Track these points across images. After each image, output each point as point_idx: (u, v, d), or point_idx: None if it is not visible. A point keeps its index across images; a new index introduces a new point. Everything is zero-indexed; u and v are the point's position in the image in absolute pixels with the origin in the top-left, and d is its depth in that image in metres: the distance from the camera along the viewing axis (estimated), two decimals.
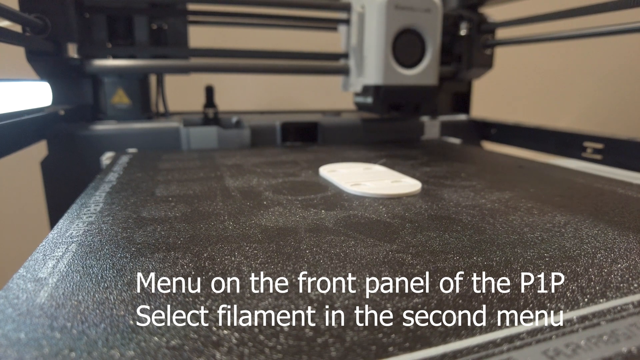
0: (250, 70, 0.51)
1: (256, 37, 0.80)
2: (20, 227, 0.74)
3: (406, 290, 0.15)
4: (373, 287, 0.15)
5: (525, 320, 0.13)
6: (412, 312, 0.13)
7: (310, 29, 0.60)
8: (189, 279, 0.16)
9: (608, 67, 1.18)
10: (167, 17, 0.50)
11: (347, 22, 0.53)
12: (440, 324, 0.13)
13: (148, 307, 0.13)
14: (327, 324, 0.13)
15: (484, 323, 0.13)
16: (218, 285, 0.15)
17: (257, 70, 0.51)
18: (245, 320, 0.13)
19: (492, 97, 0.97)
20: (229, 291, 0.15)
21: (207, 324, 0.13)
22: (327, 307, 0.14)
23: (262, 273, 0.16)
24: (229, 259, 0.17)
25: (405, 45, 0.49)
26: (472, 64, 0.57)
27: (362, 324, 0.13)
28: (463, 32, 0.57)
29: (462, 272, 0.16)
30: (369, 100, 0.50)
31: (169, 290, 0.15)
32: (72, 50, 0.45)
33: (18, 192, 0.73)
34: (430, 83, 0.50)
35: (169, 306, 0.14)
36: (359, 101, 0.53)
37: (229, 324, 0.13)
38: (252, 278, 0.16)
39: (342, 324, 0.13)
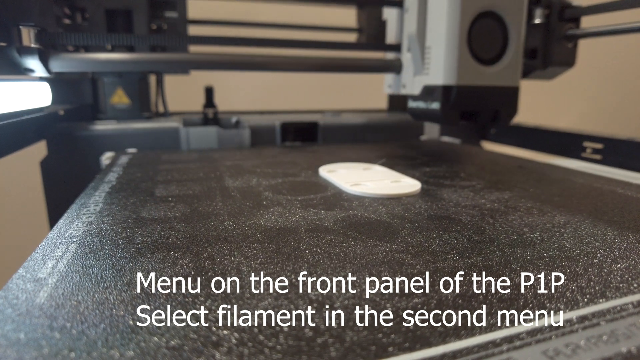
0: (266, 67, 0.41)
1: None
2: (20, 227, 0.74)
3: (406, 290, 0.15)
4: (373, 287, 0.15)
5: (525, 320, 0.13)
6: (411, 312, 0.13)
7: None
8: (189, 279, 0.16)
9: (608, 66, 1.18)
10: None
11: (398, 3, 0.43)
12: (440, 324, 0.13)
13: (148, 307, 0.13)
14: (326, 324, 0.13)
15: (483, 323, 0.13)
16: (218, 285, 0.15)
17: (276, 67, 0.42)
18: (245, 321, 0.13)
19: None
20: (228, 291, 0.15)
21: (206, 324, 0.13)
22: (326, 307, 0.14)
23: (261, 273, 0.16)
24: (229, 259, 0.17)
25: (483, 34, 0.38)
26: (550, 60, 0.44)
27: (361, 324, 0.13)
28: (538, 20, 0.45)
29: (462, 272, 0.16)
30: (434, 105, 0.39)
31: (168, 291, 0.15)
32: (28, 37, 0.34)
33: (18, 192, 0.73)
34: (512, 84, 0.40)
35: (168, 306, 0.14)
36: (416, 107, 0.42)
37: (228, 324, 0.13)
38: (252, 278, 0.16)
39: (342, 324, 0.13)
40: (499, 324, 0.13)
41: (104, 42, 0.38)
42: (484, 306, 0.14)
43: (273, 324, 0.13)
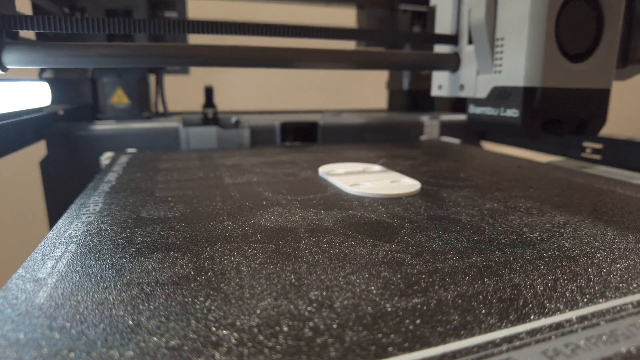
0: (289, 63, 0.34)
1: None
2: (20, 227, 0.74)
3: (406, 290, 0.15)
4: (372, 287, 0.15)
5: (524, 320, 0.13)
6: (411, 312, 0.13)
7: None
8: (189, 279, 0.16)
9: None
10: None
11: None
12: (439, 324, 0.13)
13: (147, 307, 0.13)
14: (326, 324, 0.13)
15: (483, 323, 0.13)
16: (217, 285, 0.15)
17: (302, 63, 0.34)
18: (244, 321, 0.13)
19: None
20: (228, 291, 0.15)
21: (206, 324, 0.13)
22: (326, 307, 0.14)
23: (261, 273, 0.16)
24: (229, 259, 0.17)
25: (573, 22, 0.30)
26: (634, 57, 0.36)
27: (361, 324, 0.13)
28: None
29: (462, 272, 0.16)
30: (510, 113, 0.31)
31: (168, 290, 0.15)
32: None
33: (17, 192, 0.73)
34: (603, 86, 0.33)
35: (168, 306, 0.14)
36: (482, 114, 0.35)
37: (228, 324, 0.13)
38: (252, 278, 0.16)
39: (342, 324, 0.13)
40: (498, 324, 0.13)
41: (76, 29, 0.29)
42: (484, 306, 0.14)
43: (273, 324, 0.13)
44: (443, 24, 0.38)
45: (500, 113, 0.33)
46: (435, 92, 0.41)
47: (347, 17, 0.69)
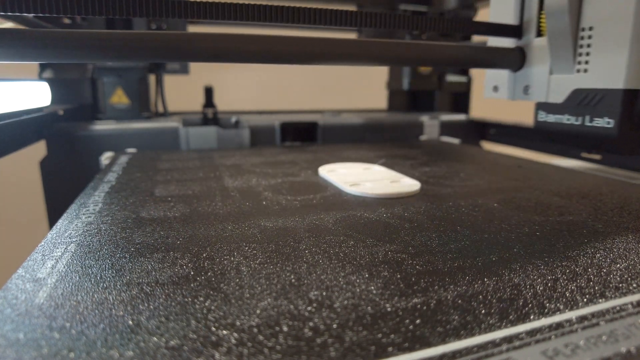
0: (320, 57, 0.26)
1: None
2: (19, 227, 0.74)
3: (406, 290, 0.15)
4: (372, 287, 0.15)
5: (524, 320, 0.13)
6: (411, 312, 0.13)
7: None
8: (188, 279, 0.16)
9: None
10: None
11: None
12: (439, 324, 0.13)
13: (147, 307, 0.13)
14: (326, 324, 0.13)
15: (483, 323, 0.13)
16: (217, 285, 0.15)
17: (335, 56, 0.27)
18: (244, 321, 0.13)
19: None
20: (228, 291, 0.15)
21: (206, 324, 0.13)
22: (326, 307, 0.14)
23: (261, 273, 0.16)
24: (228, 259, 0.17)
25: None
26: None
27: (361, 324, 0.13)
28: None
29: (462, 272, 0.16)
30: (602, 122, 0.26)
31: (168, 290, 0.15)
32: None
33: (17, 192, 0.73)
34: None
35: (168, 306, 0.14)
36: (557, 122, 0.29)
37: (228, 324, 0.13)
38: (252, 278, 0.16)
39: (342, 324, 0.13)
40: (498, 324, 0.13)
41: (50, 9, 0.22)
42: (484, 306, 0.14)
43: (273, 324, 0.13)
44: (501, 12, 0.31)
45: (584, 122, 0.26)
46: (489, 94, 0.34)
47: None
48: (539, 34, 0.30)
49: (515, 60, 0.30)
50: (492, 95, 0.34)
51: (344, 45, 0.27)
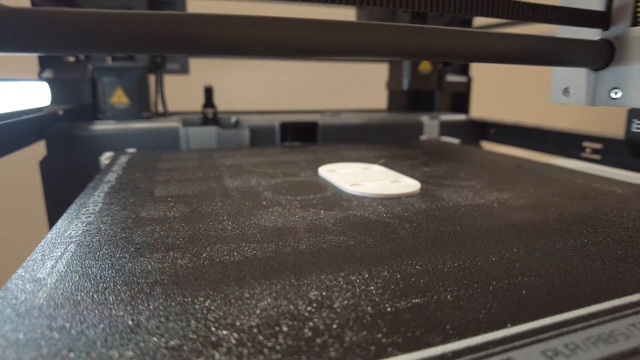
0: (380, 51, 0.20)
1: None
2: (19, 227, 0.74)
3: (406, 290, 0.15)
4: (372, 287, 0.15)
5: (524, 320, 0.13)
6: (411, 312, 0.13)
7: None
8: (188, 279, 0.16)
9: None
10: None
11: None
12: (439, 324, 0.13)
13: (147, 307, 0.13)
14: (326, 324, 0.13)
15: (483, 323, 0.13)
16: (217, 285, 0.15)
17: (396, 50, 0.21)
18: (244, 321, 0.13)
19: (491, 97, 0.97)
20: (228, 291, 0.15)
21: (206, 324, 0.13)
22: (326, 307, 0.14)
23: (261, 273, 0.16)
24: (228, 259, 0.17)
25: None
26: None
27: (361, 324, 0.13)
28: None
29: (462, 272, 0.16)
30: None
31: (168, 290, 0.15)
32: None
33: (17, 192, 0.73)
34: None
35: (168, 306, 0.14)
36: None
37: (228, 324, 0.13)
38: (251, 278, 0.16)
39: (341, 324, 0.13)
40: (498, 324, 0.13)
41: None
42: (484, 306, 0.14)
43: (272, 324, 0.13)
44: None
45: None
46: (556, 98, 0.27)
47: (347, 16, 0.69)
48: (636, 22, 0.24)
49: (599, 56, 0.24)
50: (560, 99, 0.28)
51: (402, 34, 0.20)
